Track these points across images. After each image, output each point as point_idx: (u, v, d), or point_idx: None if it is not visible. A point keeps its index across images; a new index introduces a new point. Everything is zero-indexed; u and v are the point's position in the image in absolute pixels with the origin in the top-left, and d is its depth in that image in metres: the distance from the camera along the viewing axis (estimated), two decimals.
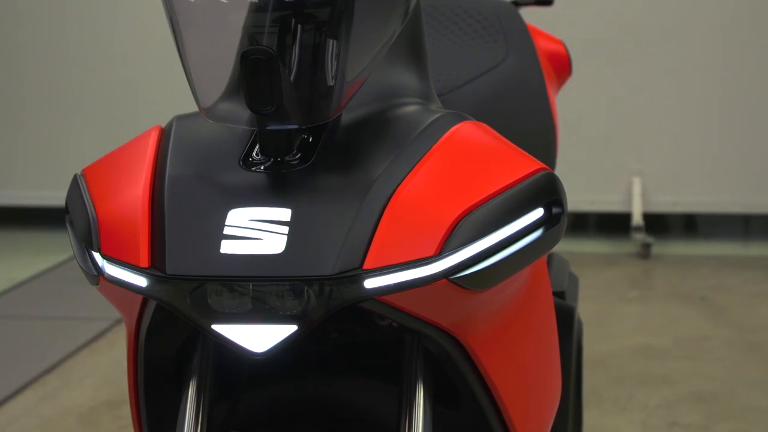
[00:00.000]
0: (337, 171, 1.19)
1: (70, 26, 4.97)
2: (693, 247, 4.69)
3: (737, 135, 4.65)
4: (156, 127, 1.31)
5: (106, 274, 1.21)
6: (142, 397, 1.31)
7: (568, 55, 2.11)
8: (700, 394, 3.04)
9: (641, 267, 4.34)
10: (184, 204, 1.18)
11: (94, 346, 3.52)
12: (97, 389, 3.17)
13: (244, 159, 1.22)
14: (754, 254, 4.56)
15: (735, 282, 4.11)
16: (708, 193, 4.69)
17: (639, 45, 4.60)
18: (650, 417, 2.91)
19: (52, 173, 5.02)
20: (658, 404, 2.98)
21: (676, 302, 3.88)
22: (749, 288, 4.04)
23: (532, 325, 1.34)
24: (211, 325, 1.15)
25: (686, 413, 2.93)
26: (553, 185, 1.22)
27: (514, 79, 1.78)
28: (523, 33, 1.87)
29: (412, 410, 1.22)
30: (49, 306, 3.97)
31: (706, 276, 4.19)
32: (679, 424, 2.86)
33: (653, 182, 4.68)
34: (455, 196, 1.16)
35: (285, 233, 1.14)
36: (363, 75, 1.21)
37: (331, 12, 1.17)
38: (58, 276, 4.36)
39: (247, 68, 1.14)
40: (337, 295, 1.12)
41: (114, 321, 3.72)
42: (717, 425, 2.85)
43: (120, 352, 3.45)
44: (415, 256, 1.13)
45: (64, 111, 5.02)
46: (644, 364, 3.28)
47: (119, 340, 3.57)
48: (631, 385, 3.11)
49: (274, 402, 1.37)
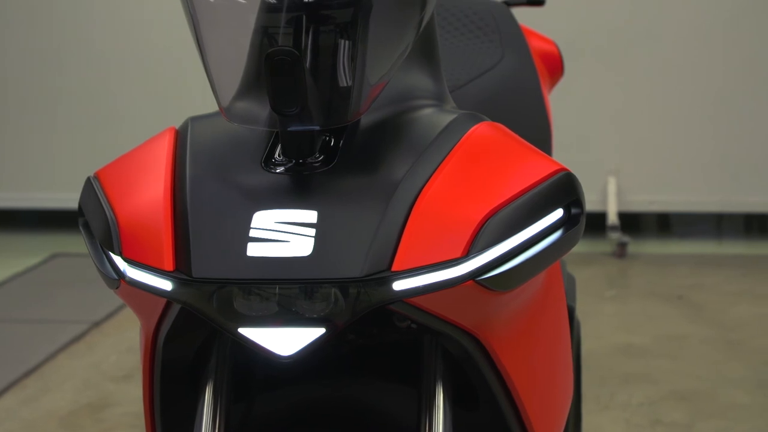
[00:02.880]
0: (361, 173, 1.19)
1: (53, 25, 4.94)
2: (668, 246, 4.72)
3: (711, 135, 4.68)
4: (170, 128, 1.30)
5: (128, 277, 1.19)
6: (157, 400, 1.30)
7: (560, 56, 2.12)
8: (682, 392, 3.05)
9: (617, 266, 4.36)
10: (208, 206, 1.17)
11: (73, 350, 3.50)
12: (78, 392, 3.15)
13: (266, 160, 1.21)
14: (729, 253, 4.58)
15: (711, 281, 4.13)
16: (683, 193, 4.72)
17: (614, 45, 4.62)
18: (633, 416, 2.92)
19: (29, 175, 4.98)
20: (641, 402, 2.99)
21: (654, 301, 3.89)
22: (726, 286, 4.06)
23: (548, 325, 1.35)
24: (237, 329, 1.14)
25: (669, 411, 2.94)
26: (572, 185, 1.22)
27: (511, 79, 1.79)
28: (517, 33, 1.88)
29: (432, 411, 1.22)
30: (26, 309, 3.94)
31: (682, 275, 4.21)
32: (663, 423, 2.87)
33: (628, 182, 4.70)
34: (479, 197, 1.16)
35: (312, 235, 1.13)
36: (386, 78, 1.21)
37: (355, 14, 1.17)
38: (33, 279, 4.32)
39: (272, 69, 1.14)
40: (364, 297, 1.12)
41: (91, 324, 3.70)
42: (700, 423, 2.86)
43: (99, 355, 3.43)
44: (442, 257, 1.13)
45: (46, 113, 4.97)
46: (625, 362, 3.29)
47: (97, 342, 3.55)
48: (613, 384, 3.12)
49: (291, 404, 1.37)
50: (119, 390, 3.15)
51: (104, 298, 3.95)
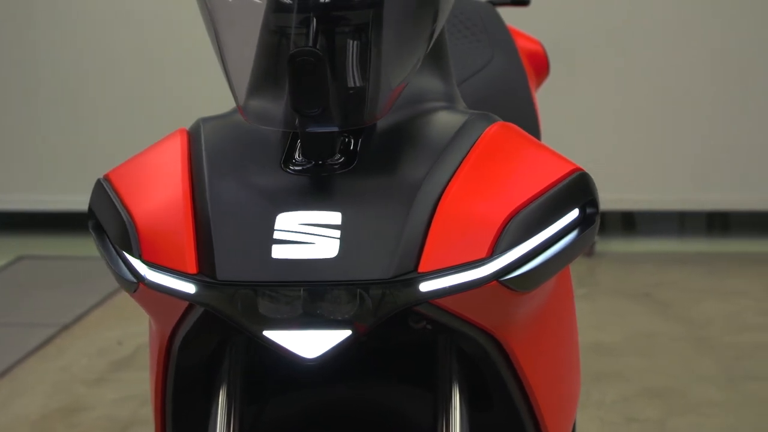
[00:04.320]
0: (382, 174, 1.19)
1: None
2: (633, 245, 4.75)
3: (673, 135, 4.72)
4: (181, 129, 1.29)
5: (148, 280, 1.18)
6: (169, 405, 1.29)
7: (546, 55, 2.13)
8: (655, 389, 3.07)
9: (585, 264, 4.38)
10: (229, 208, 1.16)
11: (43, 353, 3.47)
12: (49, 396, 3.12)
13: (285, 161, 1.21)
14: (693, 250, 4.62)
15: (677, 278, 4.16)
16: (646, 191, 4.75)
17: (579, 45, 4.65)
18: (608, 413, 2.94)
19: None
20: (614, 400, 3.01)
21: (622, 299, 3.92)
22: (691, 284, 4.09)
23: (560, 324, 1.36)
24: (262, 332, 1.13)
25: (642, 409, 2.96)
26: (588, 185, 1.24)
27: (501, 80, 1.80)
28: (504, 33, 1.89)
29: (449, 412, 1.22)
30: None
31: (648, 273, 4.24)
32: (637, 420, 2.90)
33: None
34: (500, 197, 1.17)
35: (337, 237, 1.13)
36: (407, 80, 1.21)
37: (376, 15, 1.17)
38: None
39: (295, 70, 1.13)
40: (390, 298, 1.12)
41: (61, 327, 3.66)
42: (673, 419, 2.88)
43: (69, 359, 3.40)
44: (467, 258, 1.14)
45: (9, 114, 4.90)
46: (597, 360, 3.30)
47: (67, 346, 3.52)
48: (587, 382, 3.12)
49: (304, 407, 1.36)
50: (91, 393, 3.13)
51: (72, 300, 3.92)
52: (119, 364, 3.35)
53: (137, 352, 3.43)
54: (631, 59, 4.66)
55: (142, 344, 3.48)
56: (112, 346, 3.49)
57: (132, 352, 3.44)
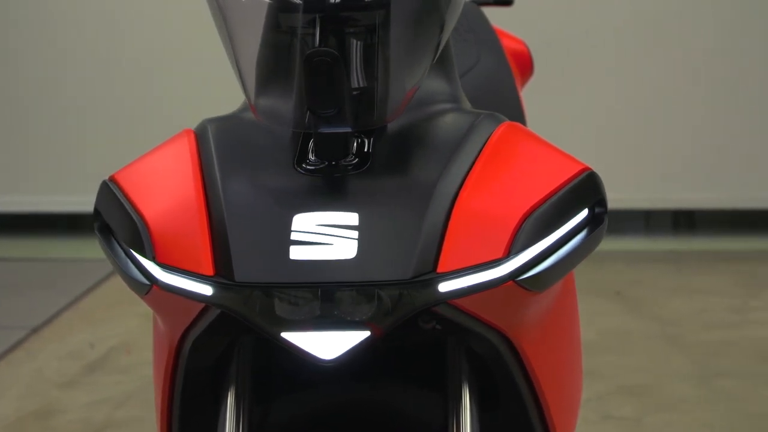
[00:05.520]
0: (396, 174, 1.19)
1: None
2: (603, 243, 4.74)
3: (640, 133, 4.75)
4: (187, 130, 1.28)
5: (162, 282, 1.17)
6: (177, 408, 1.27)
7: (530, 55, 2.14)
8: (630, 387, 3.09)
9: None
10: (245, 209, 1.15)
11: (13, 357, 3.44)
12: (22, 400, 3.09)
13: (298, 162, 1.20)
14: (660, 249, 4.66)
15: (647, 276, 4.19)
16: (615, 190, 4.76)
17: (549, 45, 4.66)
18: (583, 411, 2.92)
19: None
20: (589, 398, 3.02)
21: (594, 297, 3.93)
22: (661, 282, 4.12)
23: (567, 324, 1.37)
24: (280, 333, 1.13)
25: (618, 406, 2.97)
26: (597, 185, 1.24)
27: (490, 80, 1.81)
28: (490, 33, 1.90)
29: (459, 413, 1.22)
30: None
31: (618, 271, 4.26)
32: (613, 417, 2.91)
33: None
34: (514, 197, 1.17)
35: (355, 238, 1.13)
36: (420, 81, 1.21)
37: (391, 17, 1.17)
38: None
39: (311, 70, 1.13)
40: (408, 299, 1.12)
41: (30, 330, 3.63)
42: (649, 417, 2.90)
43: (40, 362, 3.37)
44: (485, 258, 1.14)
45: None
46: None
47: (38, 349, 3.49)
48: None
49: (312, 407, 1.35)
50: (65, 396, 3.11)
51: (40, 303, 3.89)
52: (91, 366, 3.33)
53: (109, 354, 3.41)
54: (599, 60, 4.69)
55: (114, 347, 3.46)
56: (84, 349, 3.46)
57: (104, 354, 3.42)
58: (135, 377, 3.19)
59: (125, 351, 3.43)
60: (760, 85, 4.73)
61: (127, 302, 3.88)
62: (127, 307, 3.82)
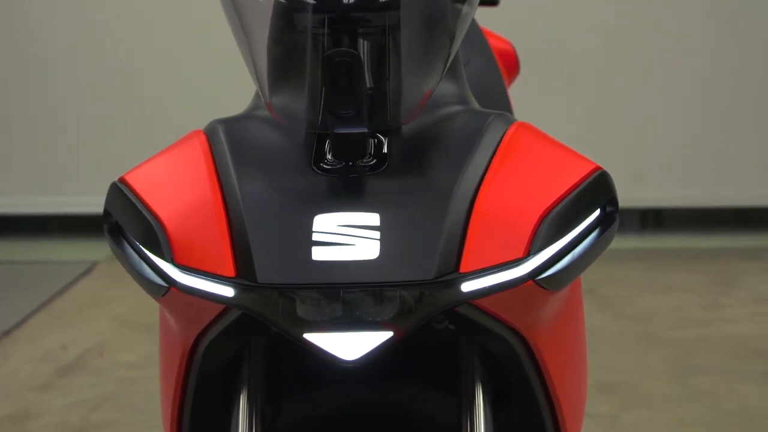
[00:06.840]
0: (414, 175, 1.20)
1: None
2: None
3: (610, 132, 4.78)
4: (197, 131, 1.27)
5: (181, 284, 1.16)
6: (187, 411, 1.27)
7: (516, 55, 2.15)
8: (604, 384, 3.10)
9: None
10: (264, 210, 1.15)
11: None
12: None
13: (315, 162, 1.20)
14: (631, 247, 4.68)
15: (617, 274, 4.21)
16: None
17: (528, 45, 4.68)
18: None
19: None
20: None
21: None
22: (632, 280, 4.14)
23: (577, 324, 1.38)
24: (303, 334, 1.12)
25: (594, 404, 2.97)
26: (609, 185, 1.25)
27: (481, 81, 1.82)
28: (478, 33, 1.91)
29: (473, 413, 1.23)
30: None
31: (590, 269, 4.27)
32: (589, 415, 2.89)
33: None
34: (531, 197, 1.18)
35: (377, 238, 1.13)
36: (436, 83, 1.22)
37: (401, 19, 1.17)
38: None
39: (331, 70, 1.12)
40: (430, 299, 1.12)
41: (1, 333, 3.60)
42: (625, 414, 2.92)
43: (13, 365, 3.35)
44: (506, 258, 1.15)
45: None
46: None
47: (10, 352, 3.46)
48: None
49: (325, 408, 1.35)
50: (39, 400, 3.08)
51: (11, 306, 3.86)
52: (66, 369, 3.30)
53: (83, 356, 3.39)
54: (570, 61, 4.71)
55: (88, 349, 3.44)
56: (57, 351, 3.44)
57: (77, 356, 3.39)
58: (110, 379, 3.18)
59: (98, 353, 3.41)
60: (729, 84, 4.77)
61: (99, 304, 3.87)
62: (99, 309, 3.81)
